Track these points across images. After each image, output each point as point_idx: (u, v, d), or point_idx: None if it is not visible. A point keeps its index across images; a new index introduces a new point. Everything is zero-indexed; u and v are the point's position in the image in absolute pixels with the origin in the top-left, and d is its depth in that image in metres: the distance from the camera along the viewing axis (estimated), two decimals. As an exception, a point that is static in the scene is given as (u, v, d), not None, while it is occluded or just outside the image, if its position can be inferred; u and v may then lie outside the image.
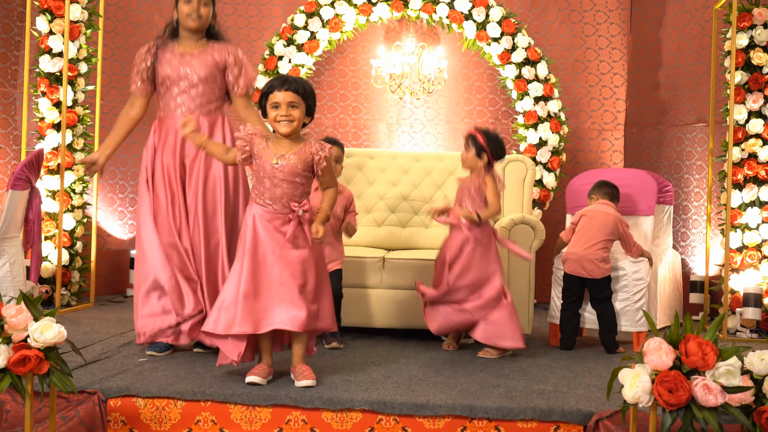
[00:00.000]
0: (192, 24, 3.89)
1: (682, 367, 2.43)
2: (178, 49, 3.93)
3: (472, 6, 6.23)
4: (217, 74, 3.91)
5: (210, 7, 3.93)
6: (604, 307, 4.39)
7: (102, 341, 4.12)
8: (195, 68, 3.87)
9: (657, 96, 6.49)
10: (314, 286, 3.32)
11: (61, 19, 5.35)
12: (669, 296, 5.35)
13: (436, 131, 6.78)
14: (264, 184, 3.27)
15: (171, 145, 3.88)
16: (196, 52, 3.91)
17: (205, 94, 3.89)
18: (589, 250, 4.37)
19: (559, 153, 6.25)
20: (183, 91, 3.88)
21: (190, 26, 3.90)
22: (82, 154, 5.49)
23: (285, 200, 3.26)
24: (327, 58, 6.75)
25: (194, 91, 3.88)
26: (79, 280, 5.57)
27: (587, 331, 4.92)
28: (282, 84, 3.26)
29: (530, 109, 6.23)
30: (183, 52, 3.91)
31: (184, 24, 3.92)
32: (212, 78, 3.90)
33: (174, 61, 3.89)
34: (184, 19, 3.90)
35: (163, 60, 3.91)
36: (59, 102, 5.37)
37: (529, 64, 6.24)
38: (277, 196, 3.26)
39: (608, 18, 6.74)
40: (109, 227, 6.23)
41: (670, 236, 5.46)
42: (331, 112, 6.79)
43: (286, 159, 3.26)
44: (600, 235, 4.39)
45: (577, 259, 4.38)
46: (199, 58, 3.89)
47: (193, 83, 3.87)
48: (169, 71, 3.89)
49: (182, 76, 3.87)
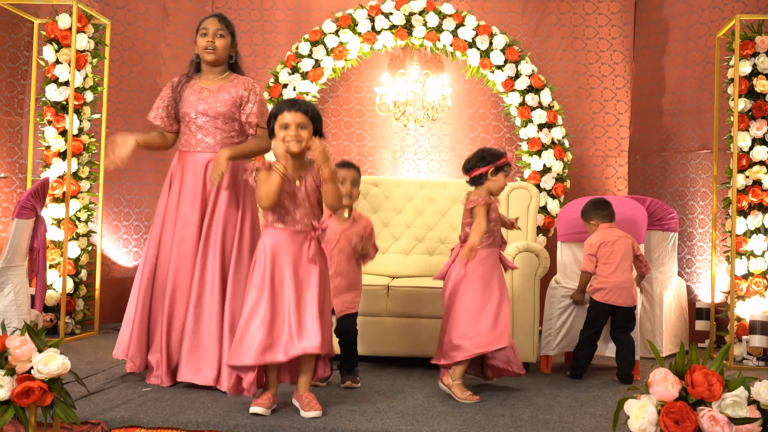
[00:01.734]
0: (208, 57, 3.93)
1: (689, 398, 2.41)
2: (198, 84, 3.97)
3: (476, 34, 6.27)
4: (235, 110, 3.92)
5: (226, 39, 3.95)
6: (627, 337, 4.38)
7: (105, 371, 4.11)
8: (212, 104, 3.89)
9: (661, 123, 6.50)
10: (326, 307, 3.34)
11: (68, 49, 5.39)
12: (674, 323, 5.33)
13: (441, 158, 6.80)
14: (285, 207, 3.29)
15: (190, 183, 3.88)
16: (215, 87, 3.94)
17: (224, 129, 3.91)
18: (622, 277, 4.38)
19: (563, 180, 6.25)
20: (201, 126, 3.91)
21: (207, 59, 3.94)
22: (87, 182, 5.51)
23: (307, 219, 3.30)
24: (331, 86, 6.79)
25: (212, 127, 3.90)
26: (84, 308, 5.57)
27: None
28: (291, 106, 3.31)
29: (534, 136, 6.24)
30: (202, 88, 3.95)
31: (202, 57, 3.96)
32: (230, 114, 3.91)
33: (192, 97, 3.93)
34: (202, 53, 3.94)
35: (183, 96, 3.96)
36: (65, 130, 5.40)
37: (533, 91, 6.26)
38: (299, 216, 3.29)
39: (611, 45, 6.78)
40: (113, 255, 6.23)
41: (675, 263, 5.44)
42: (335, 139, 6.82)
43: (304, 179, 3.29)
44: (627, 261, 4.42)
45: (611, 288, 4.37)
46: (216, 95, 3.91)
47: (211, 119, 3.89)
48: (188, 108, 3.92)
49: (200, 113, 3.90)
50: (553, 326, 4.66)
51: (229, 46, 3.97)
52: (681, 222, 6.16)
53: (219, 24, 3.94)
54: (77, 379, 2.75)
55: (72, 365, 2.76)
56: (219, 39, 3.92)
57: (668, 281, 5.30)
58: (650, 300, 5.16)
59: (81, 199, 5.51)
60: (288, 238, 3.29)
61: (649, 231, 5.20)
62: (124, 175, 6.28)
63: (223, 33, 3.93)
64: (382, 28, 6.35)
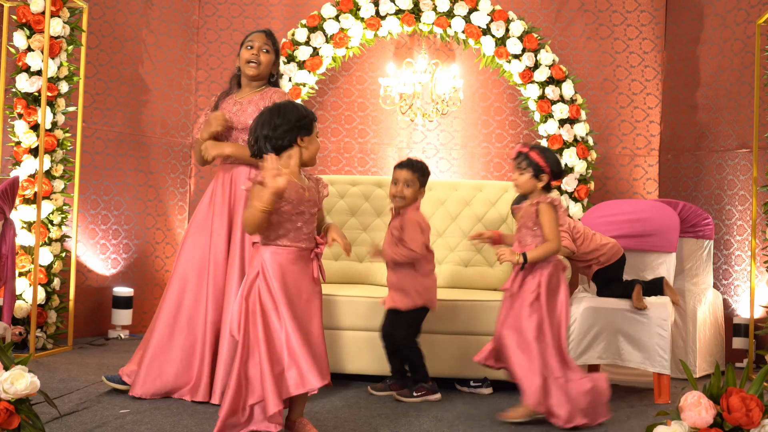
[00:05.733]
0: (250, 72, 4.17)
1: (724, 425, 2.41)
2: (234, 98, 4.22)
3: (491, 20, 6.27)
4: None
5: (271, 56, 4.22)
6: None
7: (80, 390, 4.10)
8: (240, 117, 4.12)
9: (695, 119, 6.49)
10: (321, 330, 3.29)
11: (41, 35, 5.40)
12: (709, 341, 5.32)
13: (451, 157, 6.80)
14: (293, 222, 3.20)
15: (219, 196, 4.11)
16: (245, 101, 4.17)
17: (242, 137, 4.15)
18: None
19: (586, 181, 6.24)
20: (236, 138, 4.14)
21: (248, 73, 4.18)
22: (61, 182, 5.52)
23: (312, 235, 3.26)
24: (331, 77, 6.79)
25: (240, 140, 4.14)
26: (56, 321, 5.57)
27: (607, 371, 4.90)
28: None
29: (555, 133, 6.23)
30: (235, 101, 4.19)
31: (244, 71, 4.20)
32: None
33: (229, 108, 4.18)
34: (244, 66, 4.19)
35: (221, 109, 4.20)
36: (37, 124, 5.41)
37: (554, 83, 6.26)
38: (305, 233, 3.23)
39: (640, 33, 6.77)
40: (90, 262, 6.24)
41: (710, 274, 5.43)
42: (335, 135, 6.82)
43: (310, 191, 3.26)
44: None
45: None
46: (246, 107, 4.13)
47: (239, 132, 4.14)
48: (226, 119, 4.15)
49: (236, 124, 4.13)
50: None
51: (272, 63, 4.24)
52: (717, 228, 6.14)
53: (266, 39, 4.20)
54: (47, 400, 2.74)
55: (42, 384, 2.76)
56: (264, 54, 4.19)
57: (703, 294, 5.29)
58: (683, 315, 5.15)
59: (54, 201, 5.51)
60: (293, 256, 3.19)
61: (681, 238, 5.19)
62: (102, 174, 6.28)
63: (268, 49, 4.20)
64: (387, 12, 6.35)
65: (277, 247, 3.16)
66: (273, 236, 3.17)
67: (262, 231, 3.15)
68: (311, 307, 3.22)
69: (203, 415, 3.63)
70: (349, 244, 3.22)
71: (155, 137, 6.58)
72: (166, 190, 6.71)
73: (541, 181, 3.87)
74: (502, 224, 5.25)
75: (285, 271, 3.15)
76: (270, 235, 3.17)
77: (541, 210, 3.80)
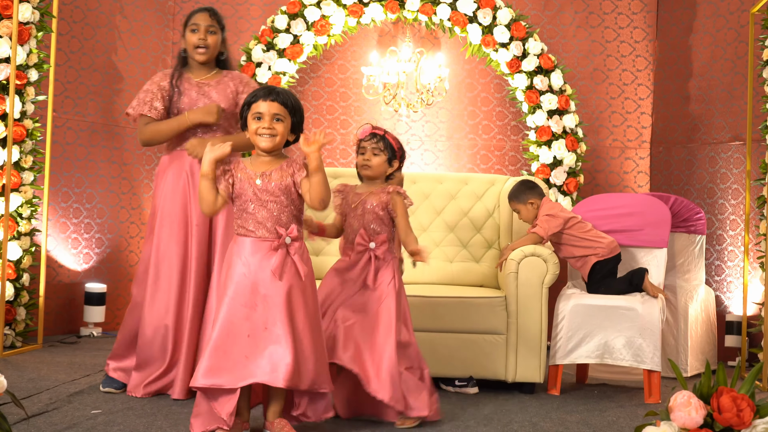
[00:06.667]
0: (201, 58, 4.12)
1: (715, 425, 2.42)
2: (194, 79, 4.15)
3: (477, 7, 6.27)
4: (235, 107, 4.12)
5: (218, 35, 4.16)
6: None
7: (50, 389, 4.09)
8: (215, 100, 4.09)
9: (687, 110, 6.52)
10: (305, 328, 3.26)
11: (9, 20, 5.36)
12: (701, 339, 5.34)
13: (436, 148, 6.80)
14: (247, 209, 3.27)
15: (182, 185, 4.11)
16: (213, 81, 4.15)
17: (224, 126, 4.14)
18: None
19: (576, 174, 6.26)
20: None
21: (199, 60, 4.14)
22: (30, 173, 5.48)
23: (270, 224, 3.26)
24: (312, 65, 6.77)
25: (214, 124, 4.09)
26: (26, 318, 5.54)
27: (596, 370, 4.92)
28: (267, 94, 3.29)
29: (543, 124, 6.25)
30: (200, 82, 4.14)
31: (193, 56, 4.15)
32: (231, 111, 4.14)
33: (192, 92, 4.11)
34: (193, 51, 4.13)
35: (184, 90, 4.13)
36: (5, 114, 5.37)
37: (542, 73, 6.27)
38: (261, 220, 3.26)
39: (632, 22, 6.78)
40: (60, 257, 6.21)
41: (702, 270, 5.46)
42: (316, 125, 6.81)
43: (267, 177, 3.27)
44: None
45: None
46: (217, 88, 4.13)
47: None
48: (189, 103, 4.10)
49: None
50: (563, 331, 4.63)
51: (220, 42, 4.18)
52: (709, 223, 6.17)
53: (210, 19, 4.13)
54: (14, 401, 2.74)
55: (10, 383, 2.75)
56: (211, 36, 4.13)
57: (694, 290, 5.31)
58: (674, 312, 5.17)
59: (23, 193, 5.48)
60: (253, 245, 3.26)
61: (672, 233, 5.21)
62: (73, 165, 6.25)
63: (214, 29, 4.15)
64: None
65: (239, 237, 3.31)
66: (237, 224, 3.32)
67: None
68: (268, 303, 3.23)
69: (178, 416, 3.62)
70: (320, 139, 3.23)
71: (129, 127, 6.54)
72: (141, 183, 6.68)
73: (391, 168, 3.81)
74: (488, 219, 5.25)
75: (239, 262, 3.26)
76: (236, 223, 3.33)
77: (397, 202, 3.72)
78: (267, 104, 3.27)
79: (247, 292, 3.22)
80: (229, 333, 3.19)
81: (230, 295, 3.23)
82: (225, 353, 3.17)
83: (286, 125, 3.30)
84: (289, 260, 3.26)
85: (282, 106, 3.28)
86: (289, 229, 3.27)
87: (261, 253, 3.24)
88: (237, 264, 3.26)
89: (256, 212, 3.26)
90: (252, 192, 3.26)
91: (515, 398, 4.36)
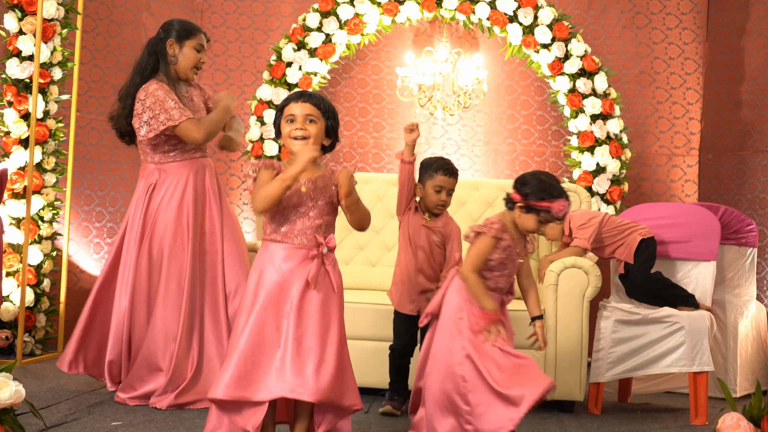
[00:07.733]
0: (193, 76, 4.40)
1: (766, 450, 2.38)
2: (183, 92, 4.38)
3: (518, 6, 6.25)
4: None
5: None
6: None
7: (69, 400, 4.11)
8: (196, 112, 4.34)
9: (738, 116, 6.46)
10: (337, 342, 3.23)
11: (33, 17, 5.41)
12: (751, 358, 5.28)
13: (473, 153, 6.78)
14: (288, 216, 3.23)
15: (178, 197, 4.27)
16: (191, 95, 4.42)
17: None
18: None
19: (620, 182, 6.22)
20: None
21: (190, 77, 4.38)
22: (53, 175, 5.53)
23: (310, 232, 3.23)
24: (344, 66, 6.79)
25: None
26: (46, 325, 5.58)
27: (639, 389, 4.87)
28: (300, 96, 3.29)
29: (586, 129, 6.21)
30: (182, 96, 4.36)
31: (184, 72, 4.36)
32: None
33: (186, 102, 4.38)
34: (188, 69, 4.36)
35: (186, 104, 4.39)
36: (28, 113, 5.43)
37: (585, 75, 6.23)
38: (301, 227, 3.24)
39: (681, 22, 6.73)
40: (82, 262, 6.26)
41: (753, 285, 5.39)
42: (348, 128, 6.82)
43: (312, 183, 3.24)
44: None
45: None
46: (196, 102, 4.40)
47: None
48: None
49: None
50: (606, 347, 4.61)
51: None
52: (761, 235, 6.10)
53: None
54: (33, 410, 2.75)
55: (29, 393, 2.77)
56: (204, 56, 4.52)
57: (745, 306, 5.25)
58: (722, 329, 5.11)
59: (45, 195, 5.53)
60: (284, 254, 3.23)
61: (722, 246, 5.15)
62: (97, 167, 6.30)
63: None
64: (406, -3, 6.36)
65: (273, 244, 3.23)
66: (268, 230, 3.25)
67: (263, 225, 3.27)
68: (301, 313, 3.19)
69: (199, 429, 3.62)
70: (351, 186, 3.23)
71: (154, 129, 6.57)
72: (166, 186, 6.71)
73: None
74: (527, 228, 5.22)
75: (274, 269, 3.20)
76: (266, 229, 3.26)
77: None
78: (299, 105, 3.26)
79: (279, 302, 3.19)
80: (258, 343, 3.16)
81: (261, 303, 3.19)
82: (254, 364, 3.13)
83: (320, 127, 3.28)
84: (324, 270, 3.24)
85: (315, 107, 3.27)
86: (327, 238, 3.25)
87: (295, 262, 3.21)
88: (270, 271, 3.21)
89: (297, 219, 3.22)
90: (297, 198, 3.22)
91: (554, 417, 4.32)
